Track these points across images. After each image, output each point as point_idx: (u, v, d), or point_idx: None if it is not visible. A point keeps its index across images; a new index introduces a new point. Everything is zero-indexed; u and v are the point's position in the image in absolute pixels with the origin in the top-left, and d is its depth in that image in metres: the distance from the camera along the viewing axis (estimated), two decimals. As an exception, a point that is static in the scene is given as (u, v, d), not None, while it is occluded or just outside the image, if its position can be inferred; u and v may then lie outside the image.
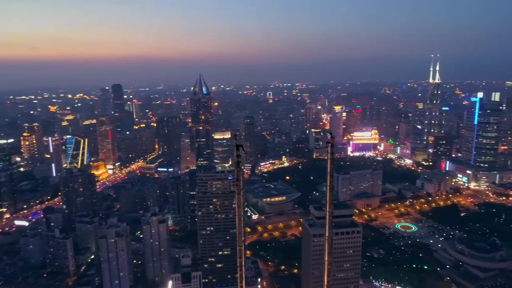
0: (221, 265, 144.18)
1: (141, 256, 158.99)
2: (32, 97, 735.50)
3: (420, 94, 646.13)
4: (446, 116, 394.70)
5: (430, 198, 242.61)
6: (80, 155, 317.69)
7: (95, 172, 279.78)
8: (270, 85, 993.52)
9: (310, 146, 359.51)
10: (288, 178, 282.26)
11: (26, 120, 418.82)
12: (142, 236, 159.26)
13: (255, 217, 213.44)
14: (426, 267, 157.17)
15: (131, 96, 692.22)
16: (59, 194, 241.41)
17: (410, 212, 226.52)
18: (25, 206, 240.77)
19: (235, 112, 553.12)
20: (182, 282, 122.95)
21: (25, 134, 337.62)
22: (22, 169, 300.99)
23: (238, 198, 31.90)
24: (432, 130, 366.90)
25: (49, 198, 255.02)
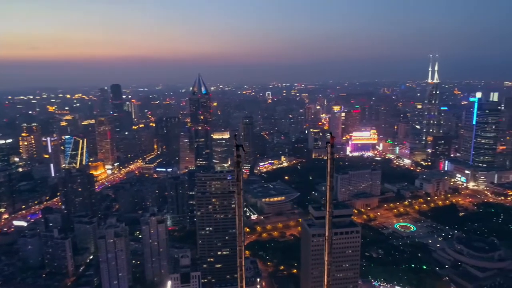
0: (220, 265, 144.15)
1: (140, 256, 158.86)
2: (30, 97, 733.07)
3: (419, 94, 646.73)
4: (445, 116, 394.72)
5: (428, 198, 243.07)
6: (78, 155, 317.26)
7: (94, 172, 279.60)
8: (269, 85, 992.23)
9: (309, 146, 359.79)
10: (287, 178, 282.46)
11: (24, 120, 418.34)
12: (141, 236, 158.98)
13: (254, 217, 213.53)
14: (425, 267, 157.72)
15: (130, 96, 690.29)
16: (58, 194, 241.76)
17: (409, 212, 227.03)
18: (23, 207, 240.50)
19: (234, 112, 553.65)
20: (181, 282, 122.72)
21: (23, 134, 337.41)
22: (20, 169, 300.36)
23: (238, 198, 31.89)
24: (430, 130, 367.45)
25: (47, 198, 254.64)
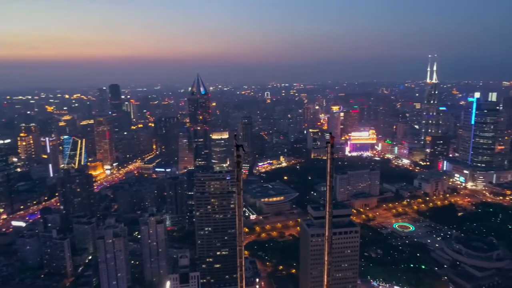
0: (219, 265, 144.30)
1: (139, 256, 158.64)
2: (29, 97, 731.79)
3: (417, 94, 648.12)
4: (443, 116, 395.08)
5: (427, 198, 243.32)
6: (77, 156, 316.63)
7: (93, 172, 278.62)
8: (268, 85, 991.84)
9: (308, 146, 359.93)
10: (286, 178, 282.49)
11: (23, 120, 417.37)
12: (140, 236, 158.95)
13: (253, 217, 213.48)
14: (423, 267, 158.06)
15: (129, 96, 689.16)
16: (57, 194, 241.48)
17: (408, 212, 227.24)
18: (22, 207, 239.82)
19: (233, 112, 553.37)
20: (180, 282, 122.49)
21: (22, 135, 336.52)
22: (19, 169, 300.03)
23: (238, 198, 31.82)
24: (429, 130, 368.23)
25: (46, 198, 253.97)
